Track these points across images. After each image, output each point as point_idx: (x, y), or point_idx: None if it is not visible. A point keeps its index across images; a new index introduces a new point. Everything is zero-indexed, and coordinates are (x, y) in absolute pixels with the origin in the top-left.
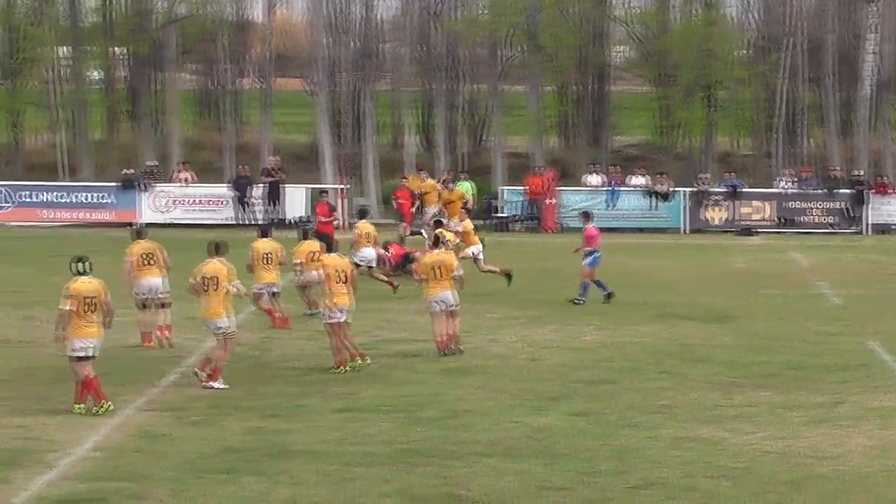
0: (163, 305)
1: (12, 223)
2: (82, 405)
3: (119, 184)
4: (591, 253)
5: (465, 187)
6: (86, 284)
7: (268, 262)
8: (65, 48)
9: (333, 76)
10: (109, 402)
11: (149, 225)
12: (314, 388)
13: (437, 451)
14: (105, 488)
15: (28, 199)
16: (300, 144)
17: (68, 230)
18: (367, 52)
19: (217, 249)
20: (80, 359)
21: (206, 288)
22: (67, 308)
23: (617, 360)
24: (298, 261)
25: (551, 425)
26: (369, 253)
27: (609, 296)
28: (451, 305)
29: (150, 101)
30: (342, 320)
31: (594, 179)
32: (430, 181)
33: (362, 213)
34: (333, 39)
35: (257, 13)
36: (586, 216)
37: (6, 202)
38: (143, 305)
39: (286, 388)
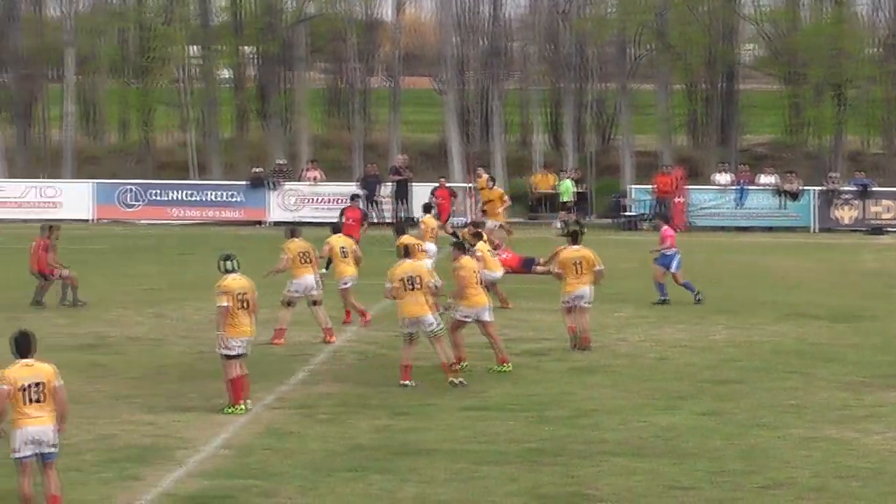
0: (315, 303)
1: (142, 221)
2: (241, 405)
3: (248, 182)
4: (666, 254)
5: (566, 186)
6: (237, 281)
7: (345, 256)
8: (195, 47)
9: (462, 74)
10: (244, 405)
11: (277, 224)
12: (442, 387)
13: (564, 451)
14: (234, 485)
15: (158, 198)
16: (428, 143)
17: (198, 229)
18: (496, 51)
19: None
20: (230, 357)
21: (411, 287)
22: (226, 304)
23: (745, 359)
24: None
25: (679, 425)
26: (431, 248)
27: (698, 300)
28: (588, 301)
29: (279, 100)
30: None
31: (723, 178)
32: (497, 190)
33: (427, 208)
34: (462, 38)
35: (386, 12)
36: (664, 219)
37: (137, 201)
38: (289, 303)
39: (415, 387)
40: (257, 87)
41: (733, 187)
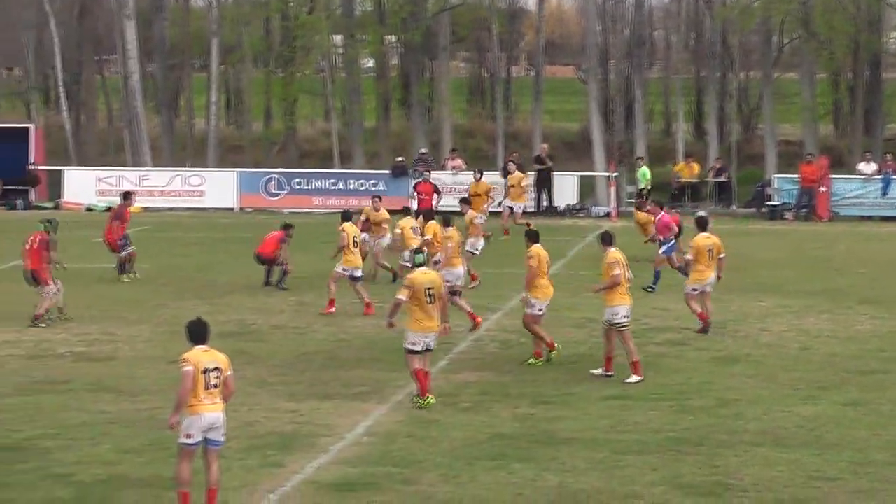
0: (455, 293)
1: (286, 210)
2: (429, 398)
3: (391, 171)
4: (665, 241)
5: (643, 173)
6: (426, 276)
7: (356, 246)
8: (338, 36)
9: (605, 63)
10: (432, 398)
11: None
12: (583, 376)
13: (706, 440)
14: (376, 473)
15: (301, 187)
16: (570, 132)
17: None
18: (639, 40)
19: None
20: (413, 351)
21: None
22: (403, 298)
23: (890, 349)
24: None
25: (822, 415)
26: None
27: (652, 289)
28: (711, 286)
29: (421, 89)
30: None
31: (868, 168)
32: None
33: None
34: (605, 27)
35: (529, 1)
36: (658, 205)
37: (280, 189)
38: (452, 293)
39: (556, 375)
40: (400, 76)
41: (878, 177)
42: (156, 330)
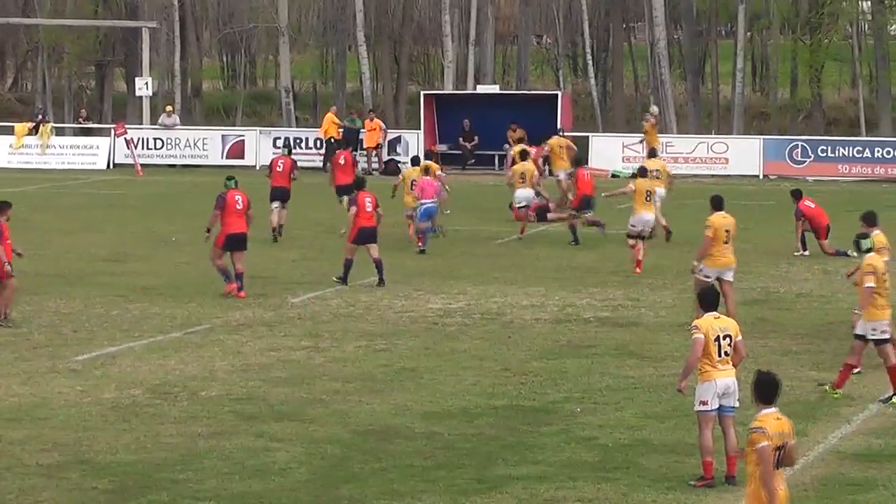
0: None
1: (810, 178)
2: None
3: None
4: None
5: None
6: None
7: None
8: (867, 2)
9: None
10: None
11: None
12: None
13: None
14: None
15: (826, 155)
16: None
17: (866, 186)
18: None
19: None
20: (868, 340)
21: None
22: (870, 285)
23: None
24: None
25: None
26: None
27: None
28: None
29: None
30: None
31: None
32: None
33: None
34: None
35: None
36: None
37: (805, 157)
38: None
39: None
40: None
41: None
42: (679, 296)
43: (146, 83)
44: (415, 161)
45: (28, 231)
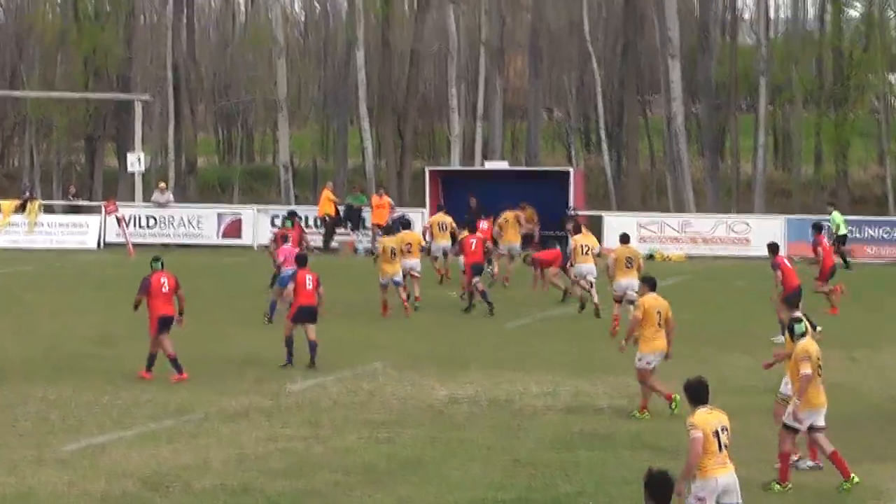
0: None
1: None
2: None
3: None
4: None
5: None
6: None
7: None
8: (894, 75)
9: None
10: None
11: None
12: None
13: None
14: None
15: (852, 235)
16: None
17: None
18: None
19: None
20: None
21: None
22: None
23: None
24: None
25: None
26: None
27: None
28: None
29: None
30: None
31: None
32: None
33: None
34: None
35: None
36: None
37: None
38: None
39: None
40: None
41: None
42: None
43: (138, 158)
44: (390, 230)
45: (16, 312)
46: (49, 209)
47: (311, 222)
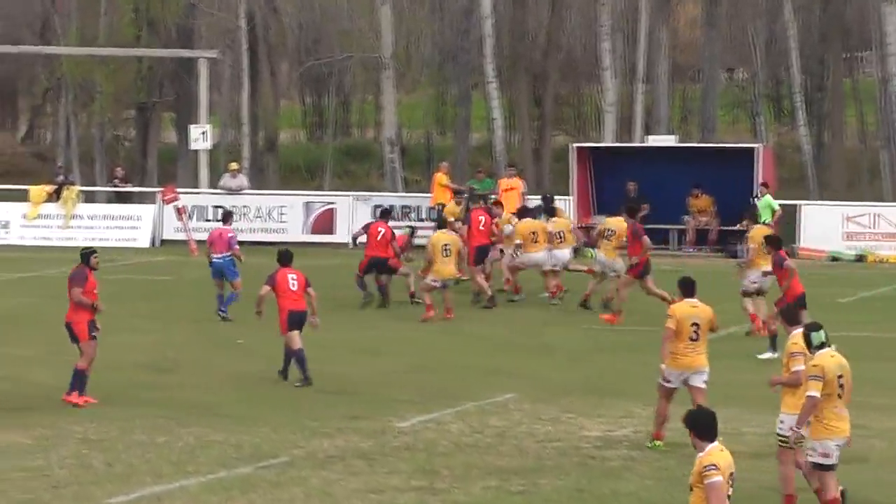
0: None
1: None
2: None
3: None
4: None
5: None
6: None
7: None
8: None
9: None
10: None
11: None
12: None
13: None
14: None
15: None
16: None
17: None
18: None
19: None
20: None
21: None
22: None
23: None
24: None
25: None
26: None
27: None
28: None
29: None
30: None
31: None
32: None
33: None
34: None
35: None
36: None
37: None
38: None
39: None
40: None
41: None
42: None
43: (204, 132)
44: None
45: (47, 330)
46: (90, 197)
47: (423, 214)
